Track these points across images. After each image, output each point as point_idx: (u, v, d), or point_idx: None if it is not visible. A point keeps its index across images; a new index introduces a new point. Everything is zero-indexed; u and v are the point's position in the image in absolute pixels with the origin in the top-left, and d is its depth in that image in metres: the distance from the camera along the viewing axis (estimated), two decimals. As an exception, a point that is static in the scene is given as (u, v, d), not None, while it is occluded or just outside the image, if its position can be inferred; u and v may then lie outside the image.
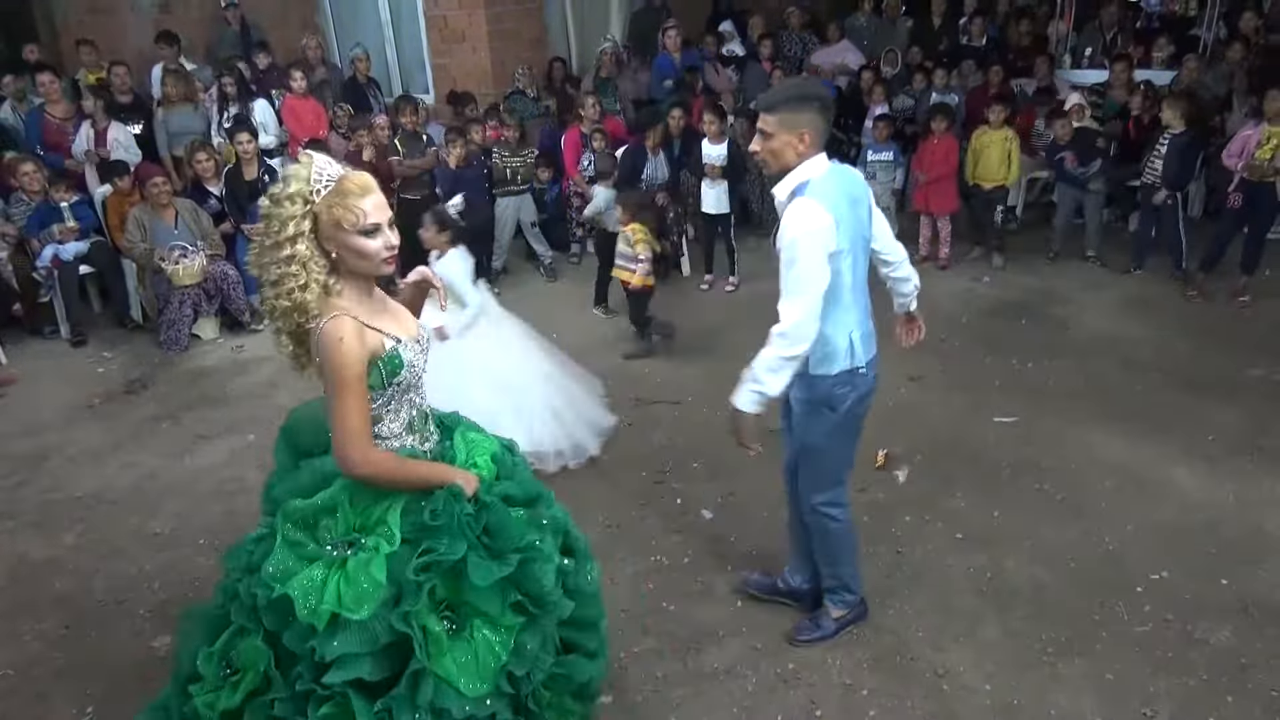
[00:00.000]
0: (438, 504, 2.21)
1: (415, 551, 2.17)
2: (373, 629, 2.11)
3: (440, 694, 2.13)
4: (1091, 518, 3.94)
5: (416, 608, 2.13)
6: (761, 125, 2.73)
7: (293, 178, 2.09)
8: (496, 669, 2.21)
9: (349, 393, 2.09)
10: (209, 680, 2.25)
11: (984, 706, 3.01)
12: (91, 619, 3.60)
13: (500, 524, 2.27)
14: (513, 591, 2.26)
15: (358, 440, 2.11)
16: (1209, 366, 5.25)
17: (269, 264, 2.10)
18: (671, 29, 8.60)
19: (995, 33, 9.34)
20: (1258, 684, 3.04)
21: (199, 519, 4.20)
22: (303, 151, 2.18)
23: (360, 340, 2.09)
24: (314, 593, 2.10)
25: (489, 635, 2.22)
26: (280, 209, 2.08)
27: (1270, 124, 5.88)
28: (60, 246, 6.18)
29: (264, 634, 2.21)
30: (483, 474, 2.36)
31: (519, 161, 7.00)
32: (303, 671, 2.15)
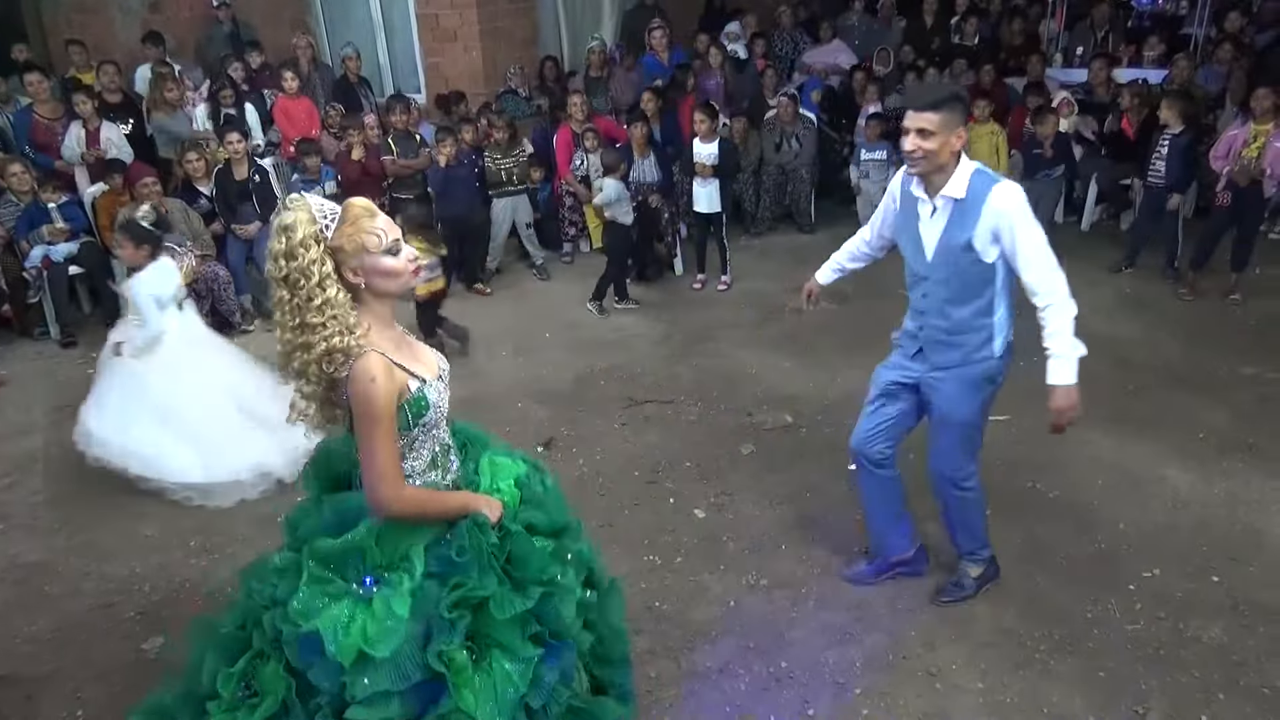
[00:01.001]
0: (462, 539, 2.19)
1: (444, 586, 2.16)
2: (403, 666, 2.10)
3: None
4: (1083, 516, 3.95)
5: (451, 645, 2.12)
6: (922, 124, 2.81)
7: (295, 225, 2.01)
8: (515, 700, 2.19)
9: (381, 431, 2.07)
10: (226, 700, 2.23)
11: (976, 705, 3.01)
12: (82, 621, 3.58)
13: (523, 554, 2.26)
14: (532, 623, 2.25)
15: (390, 479, 2.09)
16: (1200, 365, 5.26)
17: (301, 323, 2.03)
18: (657, 29, 8.60)
19: (988, 32, 9.36)
20: (1249, 681, 3.06)
21: (189, 521, 4.18)
22: (289, 198, 2.11)
23: (391, 378, 2.07)
24: (340, 629, 2.09)
25: (507, 667, 2.19)
26: (296, 260, 2.00)
27: (1257, 123, 5.90)
28: (50, 247, 6.15)
29: (285, 663, 2.19)
30: (505, 500, 2.35)
31: (511, 162, 6.99)
32: (322, 704, 2.13)
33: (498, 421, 4.94)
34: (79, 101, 6.68)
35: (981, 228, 2.85)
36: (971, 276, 2.95)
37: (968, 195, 2.86)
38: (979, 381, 3.09)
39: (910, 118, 2.85)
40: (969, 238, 2.87)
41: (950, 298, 3.00)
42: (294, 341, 2.07)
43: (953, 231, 2.91)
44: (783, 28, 9.59)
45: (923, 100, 2.85)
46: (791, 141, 7.69)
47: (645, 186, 6.84)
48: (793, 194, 7.87)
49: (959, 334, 3.04)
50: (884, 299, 6.35)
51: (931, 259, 3.00)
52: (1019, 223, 2.83)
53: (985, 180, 2.86)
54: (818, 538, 3.88)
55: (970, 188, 2.85)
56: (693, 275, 6.96)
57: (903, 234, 3.15)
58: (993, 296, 2.99)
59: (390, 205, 6.85)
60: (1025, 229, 2.83)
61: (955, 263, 2.94)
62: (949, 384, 3.10)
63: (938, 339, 3.08)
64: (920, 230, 3.03)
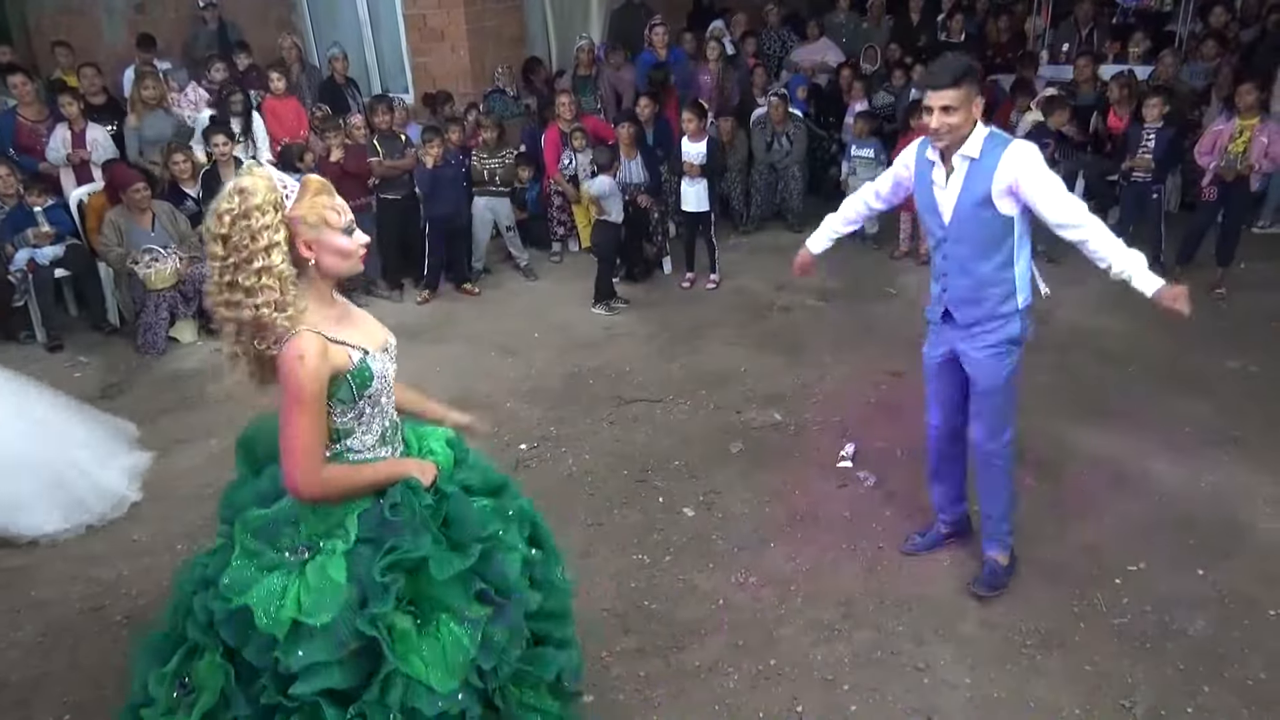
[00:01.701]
0: (396, 497, 2.15)
1: (378, 551, 2.11)
2: (338, 634, 2.05)
3: (411, 693, 2.09)
4: (1070, 510, 3.97)
5: (385, 609, 2.08)
6: (944, 102, 2.94)
7: (254, 189, 1.98)
8: (465, 663, 2.15)
9: (303, 412, 2.01)
10: (161, 703, 2.18)
11: (964, 700, 3.02)
12: (69, 626, 3.56)
13: (460, 514, 2.22)
14: (476, 582, 2.20)
15: (307, 463, 2.03)
16: (1185, 359, 5.29)
17: (231, 282, 1.99)
18: (659, 26, 8.61)
19: (974, 29, 9.39)
20: (1234, 673, 3.08)
21: (177, 524, 4.17)
22: (249, 162, 2.09)
23: (323, 358, 2.02)
24: (274, 601, 2.05)
25: (455, 629, 2.16)
26: (249, 221, 1.96)
27: (1242, 118, 5.94)
28: (36, 250, 6.11)
29: (222, 650, 2.15)
30: (439, 460, 2.30)
31: (497, 163, 6.98)
32: (266, 684, 2.09)
33: (487, 421, 4.93)
34: (64, 103, 6.64)
35: (998, 183, 2.99)
36: (992, 231, 3.08)
37: (982, 155, 3.01)
38: (1005, 344, 3.22)
39: (932, 97, 2.98)
40: (986, 193, 3.01)
41: (972, 254, 3.13)
42: (218, 299, 2.03)
43: (971, 189, 3.04)
44: (770, 26, 9.61)
45: (942, 79, 2.97)
46: (782, 140, 7.70)
47: (633, 187, 6.84)
48: (784, 192, 7.88)
49: (982, 288, 3.17)
50: (870, 299, 6.40)
51: (950, 220, 3.13)
52: (1034, 172, 2.96)
53: (998, 140, 3.02)
54: (806, 535, 3.89)
55: (984, 148, 3.01)
56: (681, 274, 6.96)
57: (919, 200, 3.29)
58: (1012, 248, 3.12)
59: (377, 205, 6.84)
60: (1041, 176, 2.96)
61: (975, 219, 3.07)
62: (979, 350, 3.24)
63: (962, 296, 3.21)
64: (935, 194, 3.16)
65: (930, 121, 3.01)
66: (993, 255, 3.11)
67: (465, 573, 2.17)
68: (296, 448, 2.02)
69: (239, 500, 2.29)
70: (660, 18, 8.83)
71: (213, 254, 2.02)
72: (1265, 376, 5.06)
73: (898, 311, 6.11)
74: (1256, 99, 5.93)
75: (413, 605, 2.17)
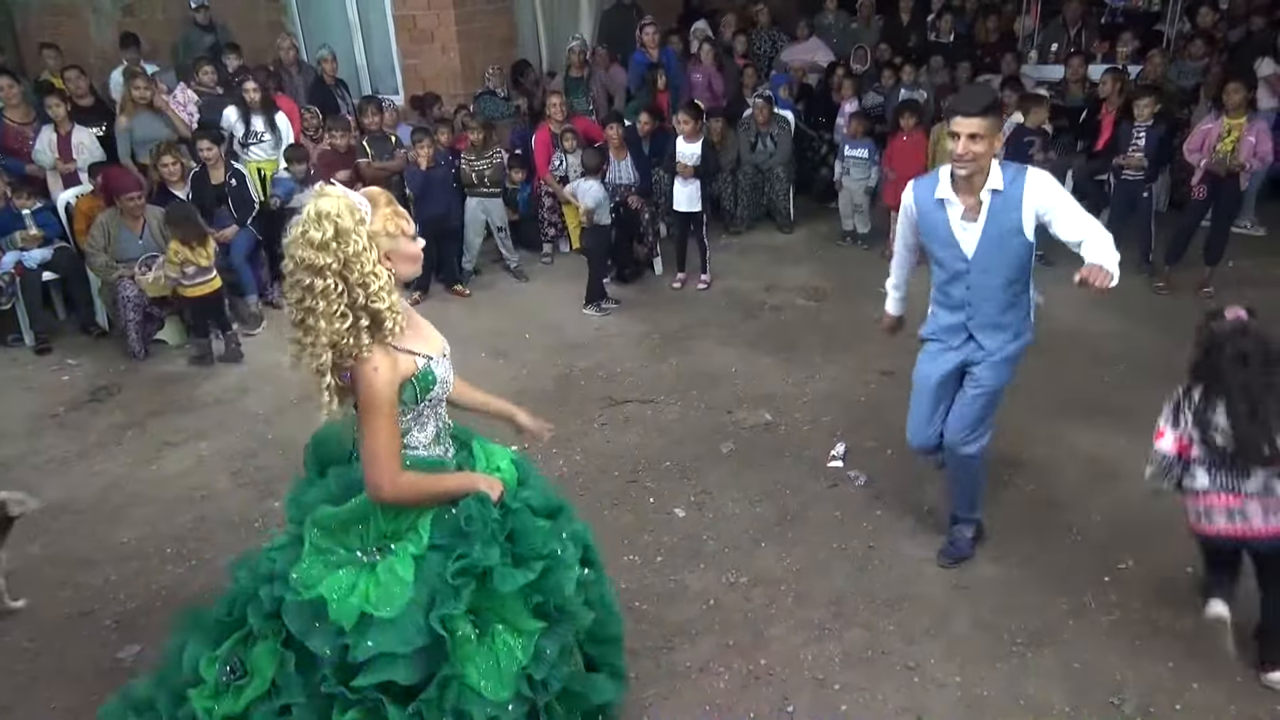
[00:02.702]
0: (471, 510, 2.23)
1: (448, 557, 2.19)
2: (406, 630, 2.12)
3: (464, 698, 2.15)
4: (1060, 509, 3.98)
5: (455, 611, 2.15)
6: (974, 129, 3.03)
7: (340, 211, 2.02)
8: (517, 674, 2.23)
9: (380, 418, 2.10)
10: (210, 684, 2.24)
11: (954, 699, 3.03)
12: (57, 630, 3.55)
13: (525, 530, 2.31)
14: (534, 597, 2.28)
15: (386, 465, 2.12)
16: (1175, 358, 5.24)
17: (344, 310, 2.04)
18: (649, 26, 8.61)
19: (963, 29, 9.41)
20: (1223, 670, 3.08)
21: (166, 527, 4.15)
22: (323, 186, 2.11)
23: (394, 367, 2.12)
24: (343, 592, 2.12)
25: (510, 640, 2.24)
26: (347, 245, 2.02)
27: (1230, 117, 5.96)
28: (23, 253, 6.08)
29: (283, 639, 2.21)
30: (506, 479, 2.40)
31: (485, 164, 6.96)
32: (328, 674, 2.14)
33: (477, 423, 4.92)
34: (51, 105, 6.60)
35: (1026, 212, 3.11)
36: (1018, 256, 3.20)
37: (1006, 186, 3.11)
38: (1015, 357, 3.38)
39: (961, 124, 3.05)
40: (1017, 223, 3.12)
41: (1002, 282, 3.23)
42: (328, 330, 2.04)
43: (999, 220, 3.14)
44: (760, 26, 9.61)
45: (974, 107, 3.06)
46: (766, 141, 7.70)
47: (623, 187, 6.84)
48: (770, 193, 7.88)
49: (1007, 312, 3.30)
50: (861, 299, 6.41)
51: (974, 253, 3.21)
52: (1059, 198, 3.10)
53: (1013, 170, 3.15)
54: (797, 535, 3.89)
55: (1005, 179, 3.12)
56: (672, 275, 6.96)
57: (932, 240, 3.32)
58: (1030, 271, 3.29)
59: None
60: (1065, 201, 3.11)
61: (1003, 248, 3.17)
62: (998, 354, 3.34)
63: (991, 322, 3.31)
64: (954, 231, 3.22)
65: (957, 147, 3.07)
66: (1018, 279, 3.25)
67: (525, 588, 2.25)
68: (379, 453, 2.11)
69: (308, 500, 2.33)
70: (651, 18, 8.84)
71: (317, 289, 2.02)
72: (1253, 374, 5.07)
73: (888, 311, 6.11)
74: (1244, 98, 5.96)
75: (473, 614, 2.24)
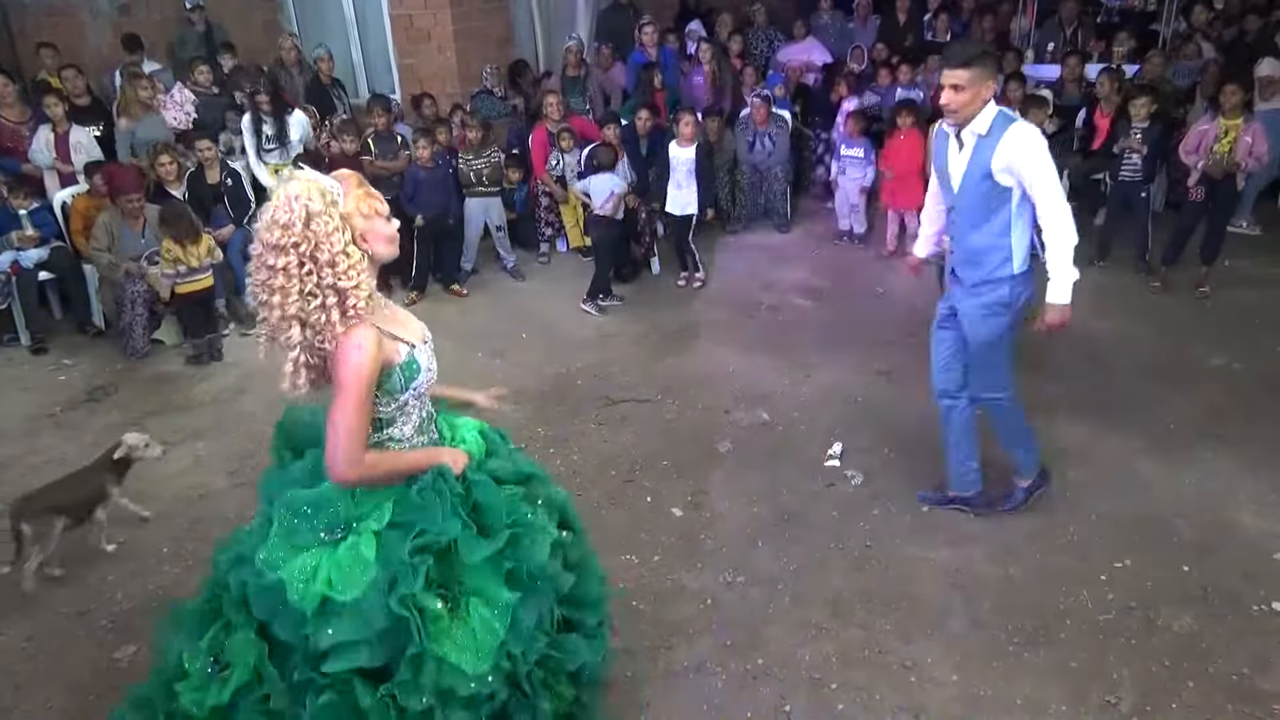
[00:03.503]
0: (424, 483, 2.21)
1: (408, 534, 2.16)
2: (367, 614, 2.10)
3: (444, 674, 2.13)
4: (1056, 508, 3.98)
5: (414, 591, 2.12)
6: (954, 80, 3.25)
7: (310, 193, 2.03)
8: (495, 646, 2.19)
9: (353, 398, 2.07)
10: (195, 676, 2.22)
11: (951, 697, 3.03)
12: (54, 631, 3.55)
13: (489, 501, 2.27)
14: (505, 564, 2.24)
15: (351, 448, 2.08)
16: (1170, 357, 5.33)
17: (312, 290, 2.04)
18: (648, 25, 8.61)
19: (960, 29, 9.42)
20: (1218, 669, 3.10)
21: (163, 527, 4.15)
22: (292, 168, 2.14)
23: (379, 348, 2.10)
24: (305, 577, 2.11)
25: (485, 613, 2.20)
26: (315, 226, 2.02)
27: (1226, 118, 5.97)
28: (20, 253, 6.07)
29: (256, 627, 2.20)
30: (470, 450, 2.37)
31: (483, 163, 6.96)
32: (298, 662, 2.13)
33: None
34: (49, 104, 6.59)
35: (998, 159, 3.28)
36: (991, 201, 3.37)
37: (990, 131, 3.30)
38: (994, 306, 3.50)
39: (944, 75, 3.28)
40: (988, 167, 3.30)
41: (973, 220, 3.44)
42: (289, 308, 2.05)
43: (977, 162, 3.34)
44: (757, 26, 9.62)
45: (955, 59, 3.27)
46: (765, 140, 7.71)
47: (619, 187, 6.84)
48: (768, 192, 7.89)
49: (982, 253, 3.47)
50: (858, 298, 6.42)
51: (958, 188, 3.46)
52: (1031, 159, 3.25)
53: (1006, 119, 3.32)
54: (794, 535, 3.89)
55: (992, 125, 3.30)
56: (671, 274, 6.97)
57: (937, 168, 3.61)
58: (1009, 218, 3.39)
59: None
60: (1035, 165, 3.26)
61: (977, 189, 3.38)
62: (972, 309, 3.54)
63: (964, 258, 3.54)
64: (949, 164, 3.48)
65: (942, 97, 3.33)
66: (992, 222, 3.40)
67: (495, 556, 2.22)
68: (342, 433, 2.07)
69: (279, 482, 2.33)
70: (650, 18, 8.84)
71: (279, 266, 2.03)
72: (1248, 374, 5.09)
73: (885, 311, 6.12)
74: (1241, 99, 5.97)
75: (444, 589, 2.21)
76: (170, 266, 5.70)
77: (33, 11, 8.58)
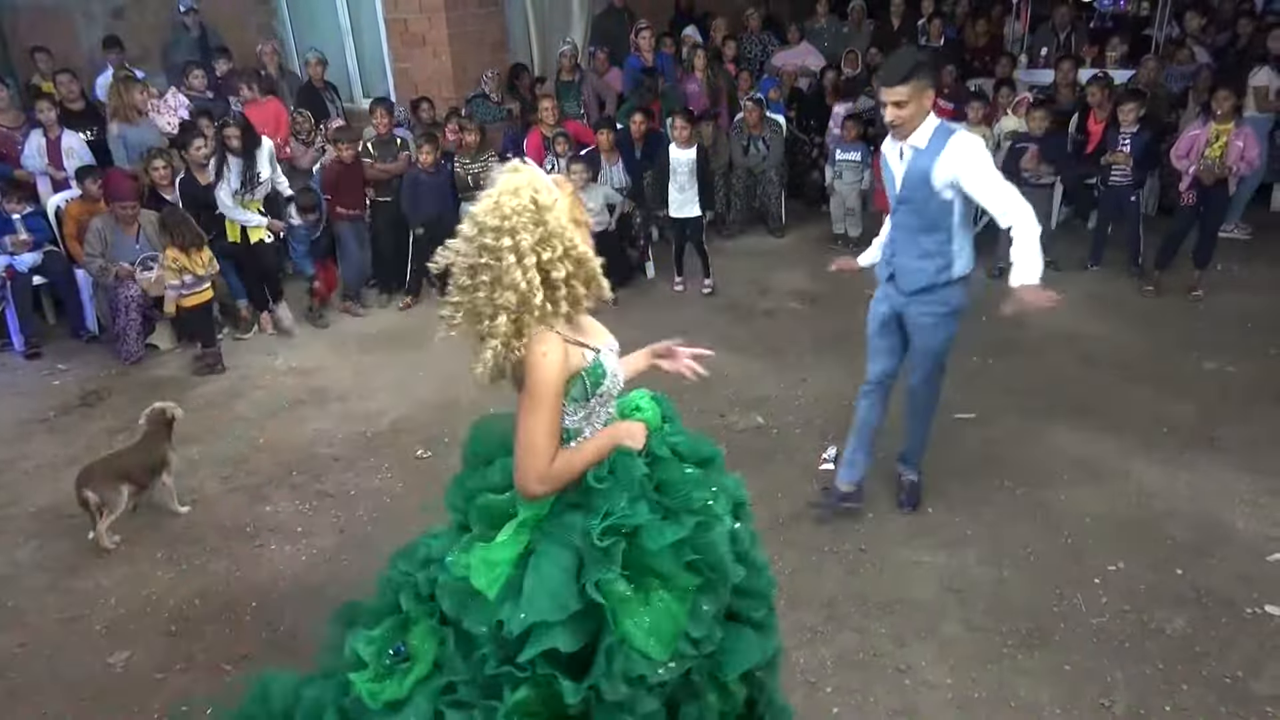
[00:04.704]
0: (615, 464, 2.14)
1: (591, 514, 2.09)
2: (559, 596, 2.03)
3: (631, 662, 2.05)
4: (1050, 511, 3.99)
5: (609, 575, 2.05)
6: (896, 97, 3.30)
7: (535, 185, 2.02)
8: (676, 633, 2.11)
9: (544, 409, 2.03)
10: (372, 667, 2.19)
11: (945, 700, 3.04)
12: (47, 636, 3.54)
13: (673, 481, 2.20)
14: (687, 552, 2.15)
15: (541, 457, 2.04)
16: (1164, 360, 5.35)
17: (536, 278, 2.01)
18: (645, 29, 8.62)
19: (953, 34, 9.46)
20: (1211, 671, 3.11)
21: (156, 532, 4.14)
22: (518, 163, 2.09)
23: (564, 355, 2.05)
24: (493, 567, 2.08)
25: (667, 598, 2.12)
26: (544, 218, 2.00)
27: (1217, 123, 6.00)
28: (13, 258, 6.06)
29: (439, 617, 2.17)
30: (647, 418, 2.30)
31: (479, 167, 6.97)
32: (488, 654, 2.07)
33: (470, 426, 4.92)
34: (42, 109, 6.58)
35: (938, 174, 3.35)
36: (932, 209, 3.44)
37: (928, 145, 3.37)
38: (945, 315, 3.60)
39: (884, 93, 3.34)
40: (927, 179, 3.38)
41: (916, 226, 3.51)
42: (510, 300, 2.01)
43: (915, 172, 3.42)
44: (751, 31, 9.64)
45: (892, 77, 3.32)
46: (759, 144, 7.73)
47: (614, 191, 6.84)
48: (762, 196, 7.91)
49: (923, 259, 3.53)
50: (852, 303, 6.41)
51: (899, 194, 3.53)
52: (971, 165, 3.31)
53: (946, 131, 3.37)
54: (788, 538, 3.89)
55: (930, 141, 3.37)
56: (667, 279, 6.97)
57: (884, 171, 3.67)
58: (950, 229, 3.48)
59: (371, 208, 6.84)
60: (977, 174, 3.31)
61: (916, 199, 3.45)
62: (923, 316, 3.61)
63: (905, 264, 3.59)
64: (894, 170, 3.55)
65: (885, 115, 3.39)
66: (933, 232, 3.48)
67: (677, 543, 2.13)
68: (535, 443, 2.03)
69: (470, 488, 2.28)
70: (646, 22, 8.85)
71: (500, 248, 2.00)
72: (1241, 377, 5.11)
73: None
74: (1233, 105, 6.00)
75: (627, 571, 2.13)
76: (175, 276, 5.68)
77: (25, 15, 8.55)
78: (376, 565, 3.89)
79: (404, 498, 4.32)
